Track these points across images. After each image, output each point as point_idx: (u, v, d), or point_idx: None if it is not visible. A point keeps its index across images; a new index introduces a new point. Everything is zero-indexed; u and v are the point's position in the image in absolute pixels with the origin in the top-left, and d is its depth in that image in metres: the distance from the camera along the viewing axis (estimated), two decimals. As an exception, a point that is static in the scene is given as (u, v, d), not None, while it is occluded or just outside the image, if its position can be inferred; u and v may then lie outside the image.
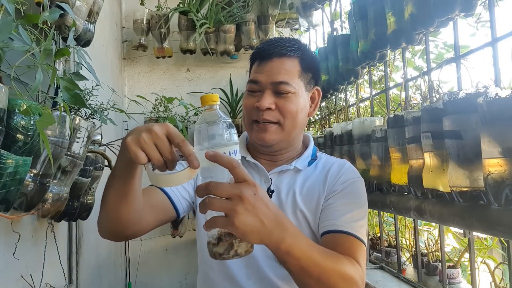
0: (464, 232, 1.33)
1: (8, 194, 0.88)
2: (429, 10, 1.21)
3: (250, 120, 1.00)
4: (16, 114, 0.86)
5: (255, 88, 0.99)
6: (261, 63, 0.99)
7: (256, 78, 0.99)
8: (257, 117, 0.98)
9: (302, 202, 1.00)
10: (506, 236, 0.94)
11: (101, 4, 1.60)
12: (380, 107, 2.18)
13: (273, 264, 0.97)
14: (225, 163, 0.64)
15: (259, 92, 0.98)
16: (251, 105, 0.98)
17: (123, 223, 0.86)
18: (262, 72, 0.98)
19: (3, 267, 1.11)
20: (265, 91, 0.97)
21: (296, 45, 1.01)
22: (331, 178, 1.02)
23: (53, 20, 0.99)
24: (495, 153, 0.85)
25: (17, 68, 0.89)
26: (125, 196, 0.82)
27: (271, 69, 0.97)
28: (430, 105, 1.14)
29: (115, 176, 0.81)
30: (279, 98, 0.97)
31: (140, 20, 2.88)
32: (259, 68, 0.99)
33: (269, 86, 0.97)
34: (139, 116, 2.83)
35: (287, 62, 0.98)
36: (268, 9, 3.09)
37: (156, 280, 2.97)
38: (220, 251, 0.68)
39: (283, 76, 0.97)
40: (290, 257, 0.72)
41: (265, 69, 0.98)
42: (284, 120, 0.98)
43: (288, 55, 0.98)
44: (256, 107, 0.97)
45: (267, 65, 0.98)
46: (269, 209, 0.68)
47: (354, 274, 0.80)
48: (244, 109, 1.02)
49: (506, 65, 1.09)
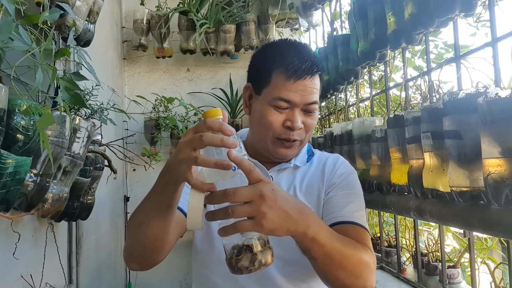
0: (464, 232, 1.33)
1: (8, 194, 0.88)
2: (429, 10, 1.21)
3: (273, 137, 0.98)
4: (16, 114, 0.86)
5: (284, 106, 0.96)
6: (296, 81, 0.94)
7: (288, 97, 0.94)
8: (286, 136, 0.96)
9: (303, 197, 1.00)
10: (506, 236, 0.94)
11: (101, 4, 1.60)
12: (380, 107, 2.18)
13: (277, 262, 0.97)
14: (245, 166, 0.66)
15: (286, 109, 0.96)
16: (279, 122, 0.96)
17: (161, 249, 0.84)
18: (296, 91, 0.94)
19: (3, 267, 1.11)
20: (295, 110, 0.95)
21: (318, 59, 0.99)
22: (328, 172, 1.03)
23: (53, 20, 0.99)
24: (495, 153, 0.85)
25: (17, 68, 0.89)
26: (167, 220, 0.80)
27: (305, 89, 0.94)
28: (430, 105, 1.14)
29: (154, 199, 0.79)
30: (307, 116, 0.97)
31: (140, 20, 2.88)
32: (294, 86, 0.94)
33: (301, 106, 0.96)
34: (139, 116, 2.83)
35: (316, 80, 0.97)
36: (268, 9, 3.09)
37: (156, 280, 2.97)
38: (246, 264, 0.68)
39: (315, 96, 0.96)
40: (315, 244, 0.75)
41: (299, 88, 0.94)
42: (306, 135, 0.99)
43: (317, 73, 0.97)
44: (287, 126, 0.96)
45: (302, 83, 0.94)
46: (290, 200, 0.72)
47: (369, 259, 0.85)
48: (267, 124, 0.97)
49: (506, 65, 1.09)
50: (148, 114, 2.88)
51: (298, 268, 0.99)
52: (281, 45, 1.02)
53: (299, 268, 0.99)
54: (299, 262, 0.98)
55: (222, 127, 0.65)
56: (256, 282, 0.97)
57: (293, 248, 0.98)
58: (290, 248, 0.97)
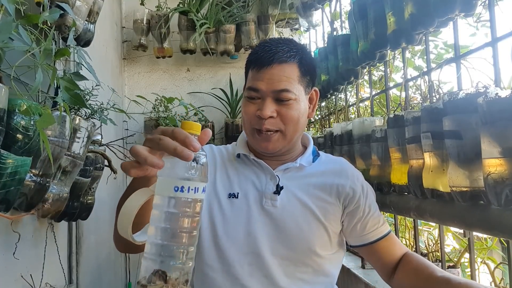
0: (464, 232, 1.32)
1: (8, 194, 0.88)
2: (429, 10, 1.21)
3: (251, 128, 0.99)
4: (16, 114, 0.87)
5: (254, 95, 0.97)
6: (260, 70, 0.96)
7: (256, 85, 0.96)
8: (259, 126, 0.97)
9: (310, 198, 1.01)
10: (506, 236, 0.94)
11: (101, 4, 1.60)
12: (380, 107, 2.18)
13: (278, 261, 0.97)
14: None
15: (258, 99, 0.97)
16: (251, 112, 0.97)
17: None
18: (262, 80, 0.95)
19: (3, 267, 1.11)
20: (266, 99, 0.96)
21: (295, 48, 0.99)
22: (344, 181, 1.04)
23: (53, 20, 0.99)
24: (495, 153, 0.85)
25: (17, 68, 0.89)
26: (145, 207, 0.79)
27: (271, 77, 0.95)
28: (430, 105, 1.14)
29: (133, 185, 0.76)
30: (281, 105, 0.96)
31: (140, 20, 2.88)
32: (259, 75, 0.96)
33: (270, 94, 0.95)
34: (139, 116, 2.84)
35: (287, 69, 0.96)
36: (268, 9, 3.09)
37: (156, 280, 2.96)
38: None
39: (284, 83, 0.95)
40: None
41: (265, 76, 0.95)
42: (285, 127, 0.97)
43: (288, 61, 0.96)
44: (257, 115, 0.96)
45: (267, 72, 0.95)
46: None
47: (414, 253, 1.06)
48: (244, 116, 1.00)
49: (506, 65, 1.09)
50: (148, 114, 2.88)
51: (300, 268, 0.99)
52: (261, 42, 1.05)
53: (301, 267, 0.99)
54: (301, 261, 0.99)
55: (186, 139, 0.58)
56: (257, 281, 0.97)
57: (296, 246, 0.98)
58: (293, 246, 0.98)
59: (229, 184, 1.03)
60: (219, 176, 1.04)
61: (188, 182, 0.57)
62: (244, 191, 1.01)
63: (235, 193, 1.01)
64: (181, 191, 0.57)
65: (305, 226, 0.98)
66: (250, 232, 0.98)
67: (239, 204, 1.00)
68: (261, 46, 1.00)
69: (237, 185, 1.02)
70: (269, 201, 0.99)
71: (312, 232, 0.98)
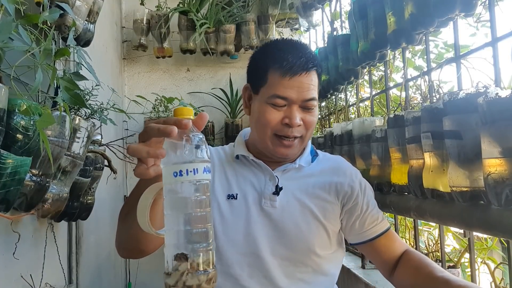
0: (464, 232, 1.32)
1: (8, 194, 0.88)
2: (429, 10, 1.21)
3: (272, 134, 0.98)
4: (16, 114, 0.87)
5: (281, 103, 0.96)
6: (291, 77, 0.94)
7: (285, 94, 0.95)
8: (285, 133, 0.96)
9: (309, 198, 1.01)
10: (506, 236, 0.94)
11: (101, 4, 1.60)
12: (380, 107, 2.18)
13: (278, 262, 0.97)
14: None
15: (284, 106, 0.96)
16: (276, 120, 0.96)
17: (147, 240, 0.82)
18: (292, 88, 0.94)
19: (3, 267, 1.11)
20: (293, 107, 0.96)
21: (312, 54, 1.00)
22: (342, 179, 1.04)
23: (53, 20, 0.99)
24: (495, 153, 0.85)
25: (17, 68, 0.89)
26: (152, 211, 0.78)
27: (301, 85, 0.95)
28: (430, 105, 1.14)
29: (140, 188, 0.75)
30: (305, 113, 0.97)
31: (140, 20, 2.88)
32: (290, 83, 0.94)
33: (298, 103, 0.96)
34: (139, 116, 2.84)
35: (313, 77, 0.97)
36: (268, 9, 3.09)
37: (156, 280, 2.96)
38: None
39: (312, 92, 0.96)
40: None
41: (295, 84, 0.94)
42: (306, 133, 0.99)
43: (312, 69, 0.97)
44: (285, 123, 0.96)
45: (297, 80, 0.94)
46: None
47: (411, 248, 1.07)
48: (265, 121, 0.97)
49: (506, 65, 1.09)
50: (148, 114, 2.88)
51: (300, 268, 0.99)
52: (277, 43, 1.03)
53: (301, 267, 0.99)
54: (301, 261, 0.99)
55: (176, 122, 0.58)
56: (257, 282, 0.97)
57: (295, 247, 0.98)
58: (292, 247, 0.98)
59: (228, 185, 1.02)
60: (217, 177, 1.04)
61: (185, 165, 0.57)
62: (243, 192, 1.01)
63: (234, 194, 1.01)
64: (180, 175, 0.57)
65: (304, 226, 0.98)
66: (250, 233, 0.98)
67: (238, 205, 1.00)
68: (286, 50, 0.97)
69: (235, 186, 1.02)
70: (268, 202, 0.99)
71: (311, 232, 0.99)
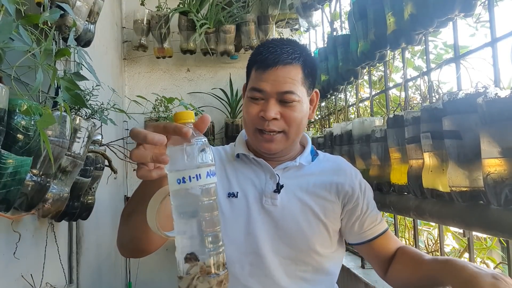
0: (464, 232, 1.32)
1: (9, 194, 0.88)
2: (428, 11, 1.21)
3: (254, 128, 0.99)
4: (16, 114, 0.87)
5: (258, 96, 0.97)
6: (265, 71, 0.96)
7: (260, 86, 0.96)
8: (262, 126, 0.97)
9: (310, 196, 1.01)
10: (506, 236, 0.94)
11: (101, 4, 1.60)
12: (380, 107, 2.18)
13: (279, 260, 0.97)
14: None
15: (262, 100, 0.97)
16: (255, 113, 0.97)
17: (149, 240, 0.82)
18: (266, 81, 0.95)
19: (4, 267, 1.11)
20: (269, 100, 0.96)
21: (299, 50, 0.99)
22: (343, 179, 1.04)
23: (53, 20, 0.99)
24: (495, 153, 0.85)
25: (18, 68, 0.89)
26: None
27: (276, 78, 0.95)
28: (430, 105, 1.14)
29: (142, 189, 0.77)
30: (284, 107, 0.96)
31: (140, 20, 2.88)
32: (264, 76, 0.96)
33: (274, 96, 0.95)
34: (139, 116, 2.84)
35: (292, 70, 0.96)
36: (268, 10, 3.09)
37: (156, 280, 2.97)
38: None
39: (289, 85, 0.95)
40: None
41: (269, 77, 0.95)
42: (289, 128, 0.98)
43: (292, 63, 0.96)
44: (261, 116, 0.96)
45: (271, 73, 0.95)
46: None
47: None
48: (246, 116, 1.00)
49: (505, 65, 1.09)
50: (148, 114, 2.88)
51: (301, 266, 0.99)
52: (265, 42, 1.03)
53: (302, 266, 0.99)
54: (301, 260, 0.99)
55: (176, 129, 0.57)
56: (258, 281, 0.97)
57: (296, 245, 0.98)
58: (293, 245, 0.98)
59: (228, 184, 1.03)
60: (218, 176, 1.03)
61: (188, 171, 0.57)
62: (243, 191, 1.01)
63: (234, 193, 1.01)
64: (183, 182, 0.56)
65: (305, 224, 0.98)
66: (250, 232, 0.98)
67: (238, 204, 1.00)
68: (265, 47, 0.99)
69: (236, 184, 1.02)
70: (269, 200, 0.99)
71: (312, 230, 0.99)
